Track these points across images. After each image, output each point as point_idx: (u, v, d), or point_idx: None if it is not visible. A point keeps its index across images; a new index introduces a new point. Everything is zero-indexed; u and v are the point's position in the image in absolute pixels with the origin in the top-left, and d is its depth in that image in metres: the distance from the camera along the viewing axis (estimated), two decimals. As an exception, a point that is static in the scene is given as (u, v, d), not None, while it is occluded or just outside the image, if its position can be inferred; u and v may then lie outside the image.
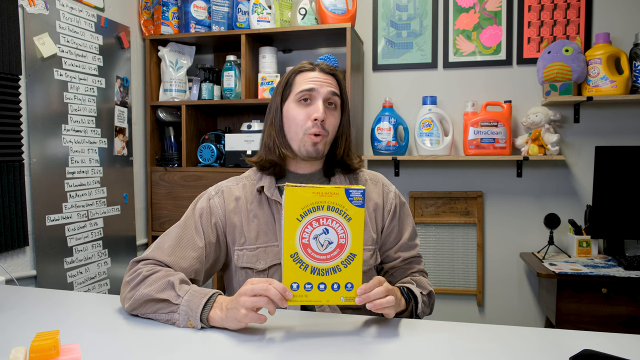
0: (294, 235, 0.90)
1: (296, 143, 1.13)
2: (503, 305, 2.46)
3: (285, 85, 1.16)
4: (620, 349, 0.84)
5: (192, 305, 0.96)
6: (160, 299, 0.99)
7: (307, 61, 1.20)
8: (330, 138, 1.15)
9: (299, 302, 0.91)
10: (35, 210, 1.80)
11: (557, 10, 2.33)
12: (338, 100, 1.16)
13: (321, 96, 1.12)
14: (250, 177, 1.21)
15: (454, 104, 2.44)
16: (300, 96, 1.13)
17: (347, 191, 0.90)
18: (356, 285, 0.92)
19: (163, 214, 2.44)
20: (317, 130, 1.11)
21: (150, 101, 2.45)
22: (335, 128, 1.16)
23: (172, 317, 0.98)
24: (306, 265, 0.91)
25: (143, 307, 1.01)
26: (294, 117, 1.13)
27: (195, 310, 0.95)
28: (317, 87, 1.12)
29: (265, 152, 1.17)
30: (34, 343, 0.78)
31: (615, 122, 2.31)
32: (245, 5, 2.40)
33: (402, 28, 2.49)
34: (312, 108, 1.12)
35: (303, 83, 1.13)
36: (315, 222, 0.90)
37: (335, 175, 1.20)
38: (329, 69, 1.17)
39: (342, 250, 0.91)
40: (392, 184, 1.26)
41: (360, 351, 0.87)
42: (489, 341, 0.91)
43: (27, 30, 1.77)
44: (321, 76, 1.14)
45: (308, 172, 1.19)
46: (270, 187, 1.15)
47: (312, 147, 1.12)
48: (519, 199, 2.42)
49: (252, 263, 1.14)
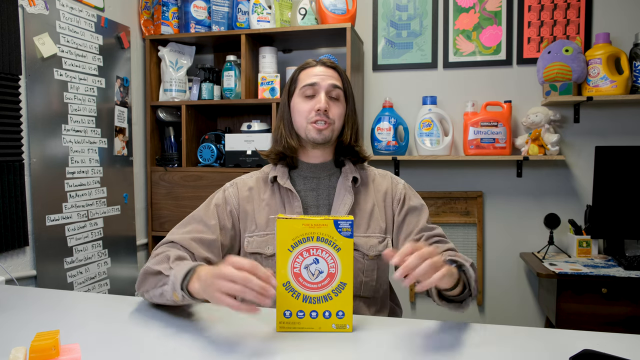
0: (285, 264, 0.94)
1: (302, 131, 1.20)
2: (503, 305, 2.46)
3: (291, 82, 1.25)
4: (620, 349, 0.84)
5: (177, 275, 0.95)
6: (155, 271, 1.02)
7: (312, 58, 1.28)
8: (337, 126, 1.21)
9: (291, 330, 0.95)
10: (35, 210, 1.80)
11: (557, 10, 2.33)
12: (340, 93, 1.22)
13: (323, 89, 1.19)
14: (264, 171, 1.29)
15: (454, 104, 2.44)
16: (304, 90, 1.20)
17: (335, 222, 0.93)
18: (347, 313, 0.95)
19: (163, 214, 2.44)
20: (320, 118, 1.17)
21: (150, 101, 2.45)
22: (341, 117, 1.22)
23: (164, 289, 0.98)
24: (298, 294, 0.95)
25: (144, 282, 1.05)
26: (299, 110, 1.20)
27: (177, 281, 0.94)
28: (319, 81, 1.19)
29: (274, 144, 1.25)
30: (34, 343, 0.78)
31: (615, 122, 2.31)
32: (245, 5, 2.40)
33: (402, 28, 2.49)
34: (315, 100, 1.19)
35: (306, 78, 1.21)
36: (305, 252, 0.94)
37: (346, 165, 1.24)
38: (331, 63, 1.24)
39: (333, 279, 0.95)
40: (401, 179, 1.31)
41: (354, 348, 0.87)
42: (489, 341, 0.91)
43: (27, 30, 1.77)
44: (323, 70, 1.22)
45: (319, 161, 1.24)
46: (283, 177, 1.21)
47: (316, 133, 1.18)
48: (519, 199, 2.42)
49: (261, 248, 1.19)
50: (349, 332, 0.95)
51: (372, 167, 1.31)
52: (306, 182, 1.23)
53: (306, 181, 1.23)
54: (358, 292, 1.18)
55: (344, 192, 1.20)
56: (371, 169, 1.30)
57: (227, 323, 1.00)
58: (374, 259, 1.19)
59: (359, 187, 1.23)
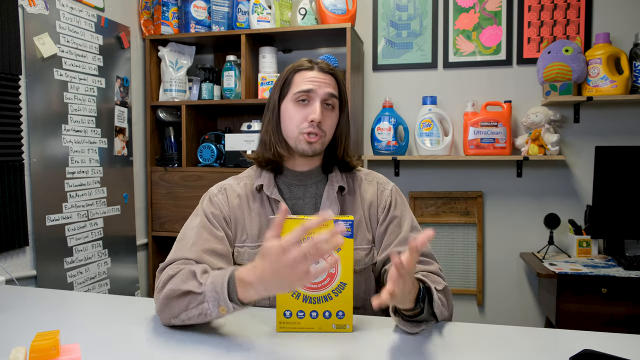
0: None
1: (292, 140, 1.13)
2: (503, 305, 2.45)
3: (283, 84, 1.15)
4: (620, 349, 0.84)
5: (217, 287, 0.88)
6: (184, 291, 0.92)
7: (307, 59, 1.17)
8: (327, 138, 1.15)
9: (291, 330, 0.95)
10: (35, 210, 1.80)
11: (557, 10, 2.33)
12: (336, 101, 1.15)
13: (319, 97, 1.11)
14: (250, 176, 1.21)
15: (454, 104, 2.44)
16: (298, 96, 1.11)
17: (335, 223, 0.92)
18: (347, 313, 0.95)
19: (163, 214, 2.44)
20: (313, 130, 1.10)
21: (150, 101, 2.44)
22: (333, 128, 1.15)
23: (203, 307, 0.90)
24: (298, 294, 0.95)
25: (171, 306, 0.94)
26: (291, 117, 1.12)
27: (222, 292, 0.87)
28: (315, 88, 1.11)
29: (262, 149, 1.17)
30: (34, 343, 0.78)
31: (615, 122, 2.31)
32: (245, 5, 2.40)
33: (402, 28, 2.49)
34: (310, 109, 1.11)
35: (301, 83, 1.12)
36: None
37: (333, 173, 1.18)
38: (328, 68, 1.15)
39: (333, 280, 0.95)
40: (390, 182, 1.23)
41: (354, 348, 0.87)
42: (489, 341, 0.91)
43: (27, 30, 1.77)
44: (320, 76, 1.13)
45: (306, 169, 1.18)
46: (270, 186, 1.15)
47: (307, 145, 1.11)
48: (519, 199, 2.42)
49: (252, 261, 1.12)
50: (349, 332, 0.95)
51: (361, 169, 1.24)
52: (292, 190, 1.17)
53: (292, 188, 1.17)
54: None
55: (329, 203, 1.13)
56: (359, 172, 1.23)
57: (228, 323, 1.00)
58: (362, 272, 1.12)
59: (346, 195, 1.17)
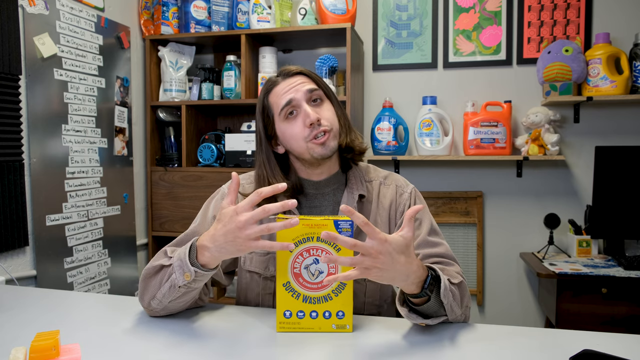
0: (286, 265, 0.95)
1: (305, 153, 1.09)
2: (503, 305, 2.46)
3: (263, 111, 1.13)
4: (620, 349, 0.84)
5: (181, 255, 0.93)
6: (155, 266, 0.98)
7: (271, 76, 1.15)
8: (336, 130, 1.11)
9: (291, 330, 0.95)
10: (35, 210, 1.80)
11: (557, 10, 2.33)
12: (320, 93, 1.11)
13: (302, 100, 1.08)
14: None
15: (454, 104, 2.44)
16: (285, 112, 1.08)
17: (335, 223, 0.92)
18: (347, 313, 0.95)
19: (163, 214, 2.44)
20: (317, 131, 1.06)
21: (150, 101, 2.45)
22: (335, 117, 1.12)
23: (172, 279, 0.94)
24: (298, 294, 0.95)
25: (148, 286, 0.99)
26: (292, 134, 1.08)
27: (184, 259, 0.92)
28: (293, 95, 1.08)
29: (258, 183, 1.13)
30: (34, 343, 0.78)
31: (615, 122, 2.31)
32: (245, 5, 2.40)
33: (402, 28, 2.49)
34: (302, 116, 1.08)
35: (278, 100, 1.09)
36: (305, 252, 0.95)
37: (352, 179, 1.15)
38: (294, 70, 1.12)
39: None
40: (409, 184, 1.20)
41: (354, 348, 0.87)
42: (489, 341, 0.91)
43: (27, 30, 1.77)
44: (290, 82, 1.10)
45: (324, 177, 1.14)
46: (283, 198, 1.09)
47: (321, 148, 1.07)
48: (519, 199, 2.42)
49: (260, 269, 1.12)
50: (349, 332, 0.95)
51: (377, 173, 1.21)
52: (309, 200, 1.14)
53: (309, 198, 1.14)
54: (361, 311, 1.11)
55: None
56: (376, 177, 1.20)
57: (228, 323, 1.00)
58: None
59: (364, 202, 1.14)
